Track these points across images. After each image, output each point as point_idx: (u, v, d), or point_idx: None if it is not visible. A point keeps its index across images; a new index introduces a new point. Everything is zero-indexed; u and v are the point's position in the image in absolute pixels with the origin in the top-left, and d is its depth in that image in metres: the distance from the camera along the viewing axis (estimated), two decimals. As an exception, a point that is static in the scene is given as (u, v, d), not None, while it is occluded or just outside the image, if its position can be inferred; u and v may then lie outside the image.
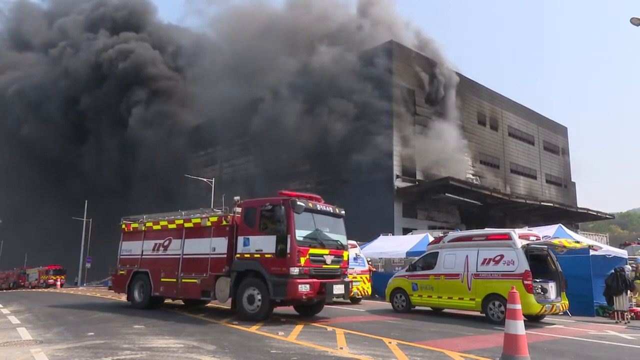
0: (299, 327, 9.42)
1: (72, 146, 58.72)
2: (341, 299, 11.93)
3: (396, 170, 36.57)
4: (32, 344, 7.36)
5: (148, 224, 13.44)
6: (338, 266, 10.87)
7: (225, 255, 11.00)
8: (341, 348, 7.23)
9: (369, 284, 17.17)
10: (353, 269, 15.19)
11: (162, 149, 50.31)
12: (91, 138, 58.63)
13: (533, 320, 11.43)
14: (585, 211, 47.95)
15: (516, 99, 52.95)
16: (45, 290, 34.05)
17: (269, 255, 10.10)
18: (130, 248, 13.65)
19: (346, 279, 11.20)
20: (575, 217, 49.03)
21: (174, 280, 12.01)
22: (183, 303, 14.17)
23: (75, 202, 48.98)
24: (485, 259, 11.73)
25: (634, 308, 13.72)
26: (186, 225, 12.32)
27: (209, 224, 11.67)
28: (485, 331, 9.69)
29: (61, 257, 49.23)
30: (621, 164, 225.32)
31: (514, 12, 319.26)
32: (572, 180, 60.39)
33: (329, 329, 9.30)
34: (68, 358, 6.31)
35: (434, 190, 36.59)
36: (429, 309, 13.24)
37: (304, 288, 9.78)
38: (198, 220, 12.04)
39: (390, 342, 7.80)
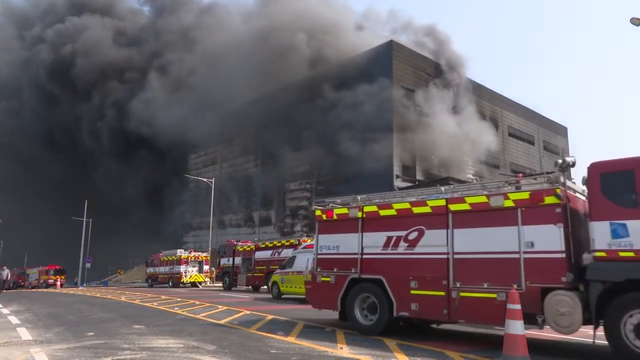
0: (299, 327, 9.41)
1: (67, 152, 58.85)
2: None
3: (396, 170, 36.56)
4: (32, 344, 7.37)
5: (369, 209, 9.30)
6: None
7: (560, 255, 6.92)
8: (341, 348, 7.23)
9: None
10: None
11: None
12: (83, 143, 58.82)
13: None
14: (585, 211, 47.88)
15: (516, 99, 52.93)
16: (45, 290, 34.09)
17: None
18: (337, 244, 9.64)
19: None
20: (575, 217, 49.01)
21: (442, 294, 7.91)
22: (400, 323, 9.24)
23: (75, 202, 48.99)
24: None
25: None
26: (454, 207, 8.12)
27: (509, 203, 7.55)
28: (485, 331, 9.68)
29: (61, 257, 49.22)
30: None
31: (514, 11, 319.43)
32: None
33: (329, 329, 9.30)
34: (68, 358, 6.31)
35: (434, 190, 36.48)
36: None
37: None
38: (482, 200, 7.91)
39: (390, 342, 7.79)
